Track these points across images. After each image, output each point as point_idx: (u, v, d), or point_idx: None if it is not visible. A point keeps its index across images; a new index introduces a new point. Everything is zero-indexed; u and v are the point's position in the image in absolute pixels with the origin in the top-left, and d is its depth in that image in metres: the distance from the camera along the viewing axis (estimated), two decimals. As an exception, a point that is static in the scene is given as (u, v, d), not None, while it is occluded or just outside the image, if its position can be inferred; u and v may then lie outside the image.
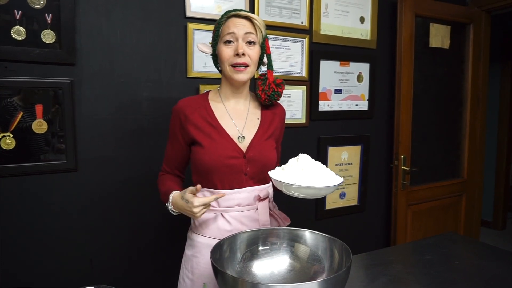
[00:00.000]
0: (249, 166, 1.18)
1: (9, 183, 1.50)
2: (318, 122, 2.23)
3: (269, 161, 1.22)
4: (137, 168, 1.74)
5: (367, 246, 2.43)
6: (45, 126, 1.54)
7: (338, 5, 2.22)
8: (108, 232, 1.70)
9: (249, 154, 1.18)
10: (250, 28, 1.15)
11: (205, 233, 1.21)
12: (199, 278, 1.21)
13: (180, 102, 1.23)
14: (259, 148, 1.20)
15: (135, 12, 1.68)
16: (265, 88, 1.24)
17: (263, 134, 1.24)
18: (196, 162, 1.20)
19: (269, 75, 1.25)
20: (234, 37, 1.14)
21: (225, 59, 1.15)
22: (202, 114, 1.20)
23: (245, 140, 1.21)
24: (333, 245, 1.05)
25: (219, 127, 1.19)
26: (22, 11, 1.46)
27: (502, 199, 4.23)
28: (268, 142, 1.24)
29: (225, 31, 1.15)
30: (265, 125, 1.26)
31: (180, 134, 1.23)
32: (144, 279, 1.79)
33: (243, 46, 1.14)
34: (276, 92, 1.25)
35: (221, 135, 1.18)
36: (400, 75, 2.33)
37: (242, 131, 1.22)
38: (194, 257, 1.23)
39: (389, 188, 2.52)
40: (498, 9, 2.66)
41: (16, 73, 1.48)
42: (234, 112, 1.24)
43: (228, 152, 1.16)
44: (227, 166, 1.16)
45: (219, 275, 0.88)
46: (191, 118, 1.19)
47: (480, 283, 1.18)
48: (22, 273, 1.54)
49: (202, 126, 1.19)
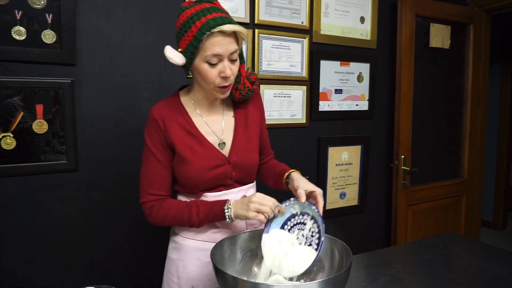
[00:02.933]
0: (234, 171, 1.16)
1: (9, 183, 1.50)
2: (319, 122, 2.23)
3: (252, 163, 1.20)
4: (137, 168, 1.73)
5: (367, 246, 2.43)
6: (46, 126, 1.54)
7: (338, 5, 2.22)
8: (108, 232, 1.70)
9: (232, 159, 1.15)
10: (234, 44, 1.04)
11: (194, 236, 1.17)
12: (187, 282, 1.17)
13: (154, 111, 1.13)
14: (242, 151, 1.17)
15: (135, 12, 1.68)
16: (239, 87, 1.16)
17: (242, 134, 1.19)
18: (180, 176, 1.13)
19: (242, 70, 1.15)
20: (219, 58, 1.03)
21: (210, 81, 1.05)
22: (180, 123, 1.12)
23: (226, 146, 1.17)
24: (333, 245, 1.05)
25: (200, 136, 1.13)
26: (23, 11, 1.46)
27: (502, 199, 4.22)
28: (250, 143, 1.20)
29: (208, 50, 1.01)
30: (241, 121, 1.20)
31: (165, 144, 1.12)
32: (144, 279, 1.79)
33: (228, 67, 1.04)
34: (251, 90, 1.18)
35: (203, 144, 1.12)
36: (400, 75, 2.33)
37: (222, 137, 1.17)
38: (180, 261, 1.19)
39: (389, 188, 2.52)
40: (498, 9, 2.66)
41: (16, 73, 1.48)
42: (209, 117, 1.18)
43: (212, 162, 1.11)
44: (213, 177, 1.12)
45: (219, 275, 0.89)
46: (170, 129, 1.11)
47: (480, 283, 1.18)
48: (22, 273, 1.55)
49: (183, 136, 1.11)
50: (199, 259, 1.17)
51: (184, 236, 1.19)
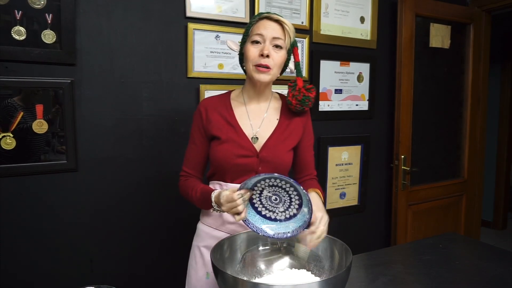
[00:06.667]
0: (261, 166, 1.20)
1: (9, 183, 1.50)
2: (319, 122, 2.22)
3: (282, 162, 1.23)
4: (137, 168, 1.74)
5: (367, 246, 2.43)
6: (46, 126, 1.54)
7: (338, 5, 2.22)
8: (108, 232, 1.70)
9: (262, 154, 1.20)
10: (279, 32, 1.16)
11: (210, 223, 1.25)
12: (202, 267, 1.24)
13: (203, 101, 1.28)
14: (273, 148, 1.21)
15: (135, 12, 1.68)
16: (295, 93, 1.23)
17: (280, 135, 1.23)
18: (211, 157, 1.24)
19: (298, 81, 1.24)
20: (262, 38, 1.15)
21: (250, 58, 1.16)
22: (222, 113, 1.23)
23: (260, 140, 1.22)
24: (333, 245, 1.05)
25: (237, 126, 1.21)
26: (23, 11, 1.46)
27: (502, 199, 4.22)
28: (284, 143, 1.23)
29: (254, 31, 1.16)
30: (283, 126, 1.25)
31: (203, 131, 1.24)
32: (144, 279, 1.79)
33: (269, 48, 1.15)
34: (307, 97, 1.22)
35: (238, 134, 1.20)
36: (400, 75, 2.33)
37: (258, 131, 1.23)
38: (196, 247, 1.27)
39: (389, 188, 2.52)
40: (498, 9, 2.65)
41: (16, 73, 1.48)
42: (253, 112, 1.25)
43: (241, 151, 1.18)
44: (238, 165, 1.18)
45: (219, 275, 0.89)
46: (211, 117, 1.22)
47: (480, 283, 1.18)
48: (22, 273, 1.55)
49: (221, 124, 1.21)
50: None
51: (202, 222, 1.29)
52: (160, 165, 1.78)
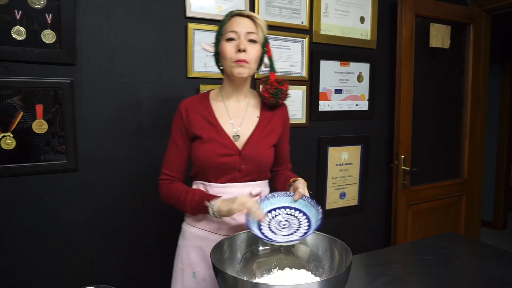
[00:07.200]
0: (244, 164, 1.21)
1: (9, 183, 1.50)
2: (318, 122, 2.23)
3: (264, 159, 1.25)
4: (137, 168, 1.74)
5: (367, 246, 2.43)
6: (45, 126, 1.54)
7: (338, 5, 2.22)
8: (108, 232, 1.70)
9: (244, 151, 1.21)
10: (252, 27, 1.19)
11: (196, 224, 1.26)
12: (189, 267, 1.25)
13: (182, 102, 1.28)
14: (255, 146, 1.22)
15: (135, 12, 1.68)
16: (267, 87, 1.26)
17: (261, 132, 1.25)
18: (194, 157, 1.25)
19: (271, 76, 1.27)
20: (236, 34, 1.17)
21: (227, 55, 1.17)
22: (202, 113, 1.24)
23: (241, 138, 1.23)
24: (333, 245, 1.05)
25: (217, 125, 1.22)
26: (22, 11, 1.46)
27: (502, 199, 4.23)
28: (265, 140, 1.25)
29: (228, 29, 1.19)
30: (263, 123, 1.27)
31: (184, 131, 1.25)
32: (144, 279, 1.79)
33: (245, 43, 1.17)
34: (279, 90, 1.26)
35: (219, 133, 1.21)
36: (400, 75, 2.33)
37: (239, 129, 1.24)
38: (183, 247, 1.28)
39: (389, 188, 2.52)
40: (498, 9, 2.65)
41: (16, 73, 1.48)
42: (233, 110, 1.26)
43: (223, 149, 1.19)
44: (221, 163, 1.19)
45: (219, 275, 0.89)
46: (192, 118, 1.23)
47: (480, 283, 1.18)
48: (22, 273, 1.54)
49: (202, 124, 1.22)
50: (200, 247, 1.24)
51: (187, 223, 1.29)
52: (160, 165, 1.77)
